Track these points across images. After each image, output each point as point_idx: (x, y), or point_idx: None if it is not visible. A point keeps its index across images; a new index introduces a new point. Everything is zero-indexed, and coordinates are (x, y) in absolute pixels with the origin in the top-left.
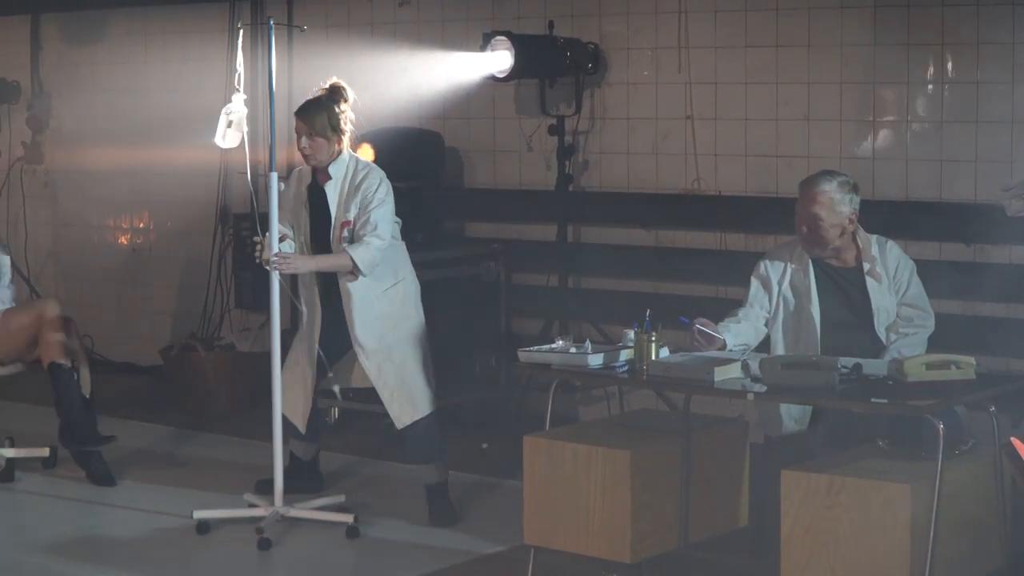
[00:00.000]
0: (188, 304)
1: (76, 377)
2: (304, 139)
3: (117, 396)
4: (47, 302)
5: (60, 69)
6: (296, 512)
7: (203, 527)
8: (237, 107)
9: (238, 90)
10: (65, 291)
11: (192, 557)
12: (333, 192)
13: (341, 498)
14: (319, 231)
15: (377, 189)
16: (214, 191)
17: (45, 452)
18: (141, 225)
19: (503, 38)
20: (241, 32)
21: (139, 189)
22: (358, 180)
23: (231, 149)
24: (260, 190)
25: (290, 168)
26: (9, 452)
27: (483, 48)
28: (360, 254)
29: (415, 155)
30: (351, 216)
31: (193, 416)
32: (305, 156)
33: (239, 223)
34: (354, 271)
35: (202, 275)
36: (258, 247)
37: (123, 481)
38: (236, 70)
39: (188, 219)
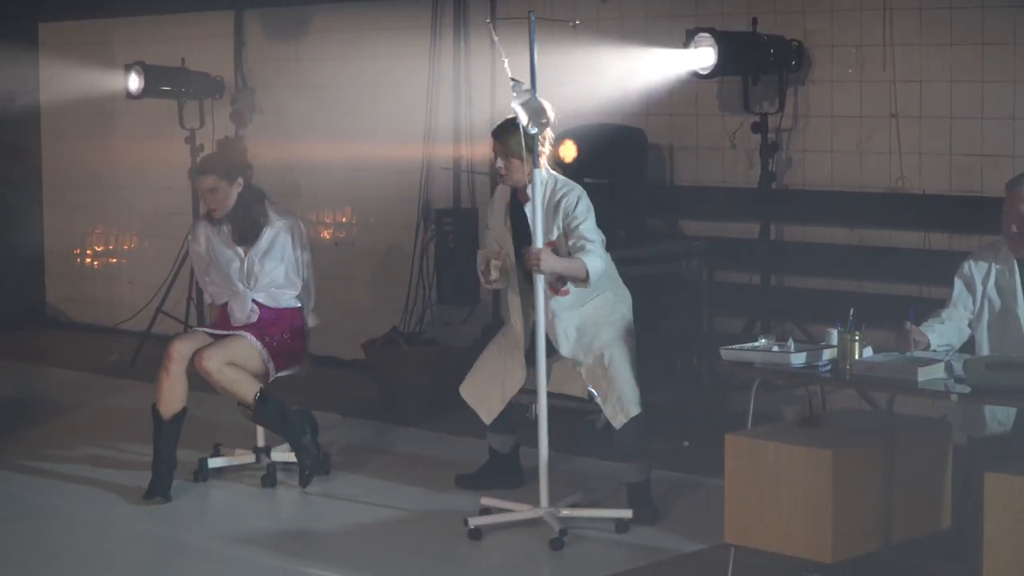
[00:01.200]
0: (390, 298)
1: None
2: (500, 160)
3: (319, 390)
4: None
5: (263, 64)
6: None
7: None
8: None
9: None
10: None
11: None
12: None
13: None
14: (520, 250)
15: (577, 205)
16: (416, 186)
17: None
18: (344, 220)
19: (706, 35)
20: (492, 27)
21: (342, 184)
22: (557, 198)
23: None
24: (462, 185)
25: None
26: (280, 456)
27: (686, 45)
28: (592, 261)
29: (617, 151)
30: (554, 236)
31: (394, 410)
32: (501, 176)
33: (441, 218)
34: (583, 279)
35: (404, 269)
36: (484, 268)
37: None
38: (503, 60)
39: (390, 214)
